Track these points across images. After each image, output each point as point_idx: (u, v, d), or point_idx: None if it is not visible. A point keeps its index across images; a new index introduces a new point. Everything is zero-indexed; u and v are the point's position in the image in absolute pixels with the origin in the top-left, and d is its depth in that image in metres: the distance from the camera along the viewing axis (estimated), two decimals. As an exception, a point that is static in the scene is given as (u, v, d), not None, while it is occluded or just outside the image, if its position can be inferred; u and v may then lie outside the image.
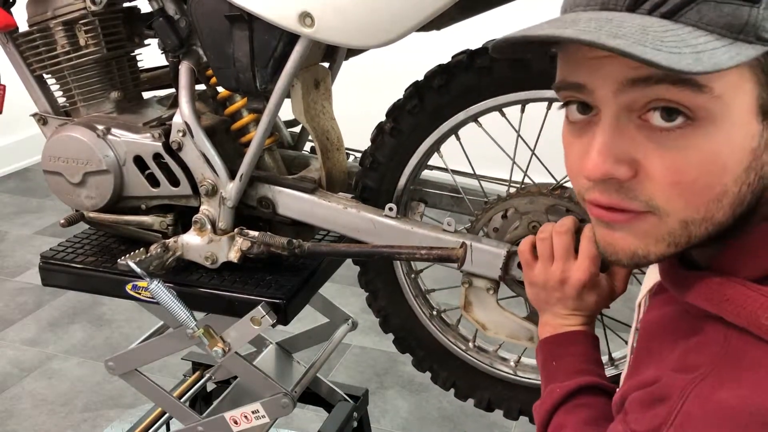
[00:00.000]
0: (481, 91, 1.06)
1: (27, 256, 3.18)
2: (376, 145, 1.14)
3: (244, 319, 1.15)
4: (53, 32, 1.22)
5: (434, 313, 1.24)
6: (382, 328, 1.26)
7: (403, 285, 1.22)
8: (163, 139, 1.18)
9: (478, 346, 1.23)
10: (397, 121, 1.12)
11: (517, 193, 1.08)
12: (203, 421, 1.30)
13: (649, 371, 0.61)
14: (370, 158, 1.15)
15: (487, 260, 1.08)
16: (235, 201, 1.17)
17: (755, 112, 0.51)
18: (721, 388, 0.52)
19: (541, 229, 0.93)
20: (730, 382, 0.52)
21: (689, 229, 0.55)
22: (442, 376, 1.25)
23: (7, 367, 2.42)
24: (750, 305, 0.52)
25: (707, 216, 0.54)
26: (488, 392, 1.22)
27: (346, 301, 2.41)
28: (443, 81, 1.07)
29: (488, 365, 1.21)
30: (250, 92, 1.12)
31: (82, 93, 1.26)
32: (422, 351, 1.25)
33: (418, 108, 1.10)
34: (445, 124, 1.10)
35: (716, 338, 0.55)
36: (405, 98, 1.11)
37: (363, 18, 0.96)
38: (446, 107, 1.09)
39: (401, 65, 2.39)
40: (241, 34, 1.07)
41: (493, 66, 1.04)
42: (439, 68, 1.08)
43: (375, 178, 1.16)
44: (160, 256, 1.17)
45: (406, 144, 1.12)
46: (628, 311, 0.84)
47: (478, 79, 1.06)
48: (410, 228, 1.12)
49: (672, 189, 0.53)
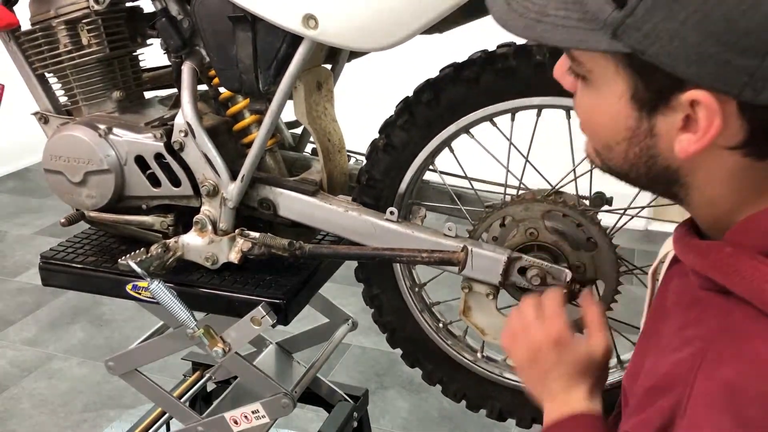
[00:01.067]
0: (470, 103, 1.07)
1: (27, 256, 3.18)
2: (371, 162, 1.15)
3: (244, 319, 1.15)
4: (56, 31, 1.22)
5: (440, 325, 1.24)
6: (389, 343, 1.26)
7: (407, 300, 1.22)
8: (164, 139, 1.18)
9: (486, 356, 1.23)
10: (389, 137, 1.12)
11: (512, 200, 1.08)
12: (203, 421, 1.30)
13: (652, 356, 0.62)
14: (366, 175, 1.15)
15: (487, 266, 1.08)
16: (236, 202, 1.17)
17: (628, 98, 0.58)
18: (722, 366, 0.54)
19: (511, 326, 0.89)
20: (731, 359, 0.54)
21: (602, 156, 0.64)
22: (452, 389, 1.25)
23: (7, 367, 2.42)
24: (758, 279, 0.55)
25: (607, 156, 0.63)
26: (499, 402, 1.22)
27: (346, 301, 2.40)
28: (432, 95, 1.08)
29: (498, 375, 1.21)
30: (253, 93, 1.13)
31: (83, 92, 1.26)
32: (430, 364, 1.25)
33: (410, 123, 1.10)
34: (437, 138, 1.11)
35: (717, 312, 0.58)
36: (396, 114, 1.12)
37: (366, 21, 0.96)
38: (437, 120, 1.09)
39: (404, 68, 2.39)
40: (245, 35, 1.07)
41: (480, 77, 1.05)
42: (426, 83, 1.09)
43: (372, 195, 1.16)
44: (161, 257, 1.17)
45: (400, 159, 1.13)
46: (632, 313, 0.83)
47: (466, 90, 1.06)
48: (411, 232, 1.12)
49: (580, 122, 0.66)
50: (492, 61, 1.04)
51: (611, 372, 1.16)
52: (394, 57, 1.68)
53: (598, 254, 1.07)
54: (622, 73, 0.57)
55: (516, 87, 1.04)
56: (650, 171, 0.61)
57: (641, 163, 0.61)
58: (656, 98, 0.56)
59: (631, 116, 0.59)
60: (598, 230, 1.06)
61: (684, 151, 0.56)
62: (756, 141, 0.55)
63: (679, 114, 0.55)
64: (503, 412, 1.23)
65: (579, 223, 1.07)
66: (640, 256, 3.06)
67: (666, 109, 0.56)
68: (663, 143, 0.58)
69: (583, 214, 1.06)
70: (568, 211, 1.06)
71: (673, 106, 0.55)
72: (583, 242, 1.08)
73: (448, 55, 1.15)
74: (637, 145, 0.60)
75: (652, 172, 0.61)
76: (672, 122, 0.56)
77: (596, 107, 0.61)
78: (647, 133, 0.59)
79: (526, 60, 1.02)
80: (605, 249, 1.06)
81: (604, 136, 0.62)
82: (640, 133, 0.59)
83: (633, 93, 0.57)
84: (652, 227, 3.25)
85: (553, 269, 1.06)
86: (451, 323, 1.25)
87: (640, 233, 3.25)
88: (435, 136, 1.11)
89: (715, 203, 0.61)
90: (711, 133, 0.54)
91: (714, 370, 0.54)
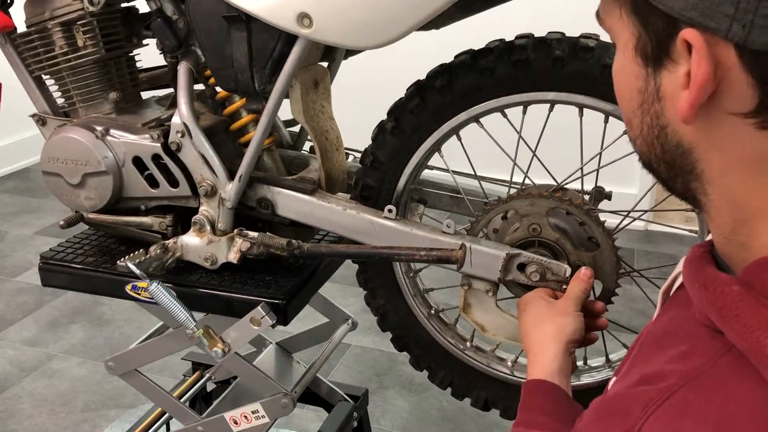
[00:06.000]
0: (484, 92, 1.06)
1: (27, 256, 3.17)
2: (377, 143, 1.14)
3: (243, 319, 1.15)
4: (51, 33, 1.22)
5: (432, 312, 1.24)
6: (379, 326, 1.26)
7: (401, 284, 1.21)
8: (161, 140, 1.18)
9: (475, 345, 1.23)
10: (398, 120, 1.11)
11: (518, 194, 1.08)
12: (203, 421, 1.30)
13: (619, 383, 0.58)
14: (371, 157, 1.15)
15: (486, 262, 1.08)
16: (234, 202, 1.16)
17: (632, 49, 0.55)
18: (683, 417, 0.49)
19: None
20: (696, 413, 0.48)
21: (631, 138, 0.61)
22: (439, 375, 1.25)
23: (7, 367, 2.42)
24: (759, 328, 0.48)
25: (632, 136, 0.60)
26: (485, 392, 1.22)
27: (346, 301, 2.41)
28: (445, 81, 1.07)
29: (485, 365, 1.21)
30: (249, 93, 1.12)
31: (80, 94, 1.25)
32: (419, 350, 1.25)
33: (420, 107, 1.09)
34: (447, 124, 1.10)
35: (706, 352, 0.51)
36: (407, 97, 1.11)
37: (361, 18, 0.96)
38: (448, 107, 1.08)
39: (401, 64, 2.39)
40: (239, 34, 1.06)
41: (496, 67, 1.04)
42: (441, 68, 1.08)
43: (376, 177, 1.15)
44: (160, 257, 1.17)
45: (407, 143, 1.12)
46: (629, 311, 0.83)
47: (480, 79, 1.05)
48: (409, 229, 1.12)
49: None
50: (510, 51, 1.03)
51: (598, 370, 1.17)
52: (392, 53, 1.68)
53: (599, 255, 1.06)
54: (625, 19, 0.55)
55: (531, 80, 1.03)
56: (665, 152, 0.56)
57: (654, 138, 0.56)
58: (657, 48, 0.53)
59: (640, 75, 0.55)
60: (601, 231, 1.05)
61: (682, 111, 0.51)
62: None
63: (681, 68, 0.51)
64: (488, 402, 1.23)
65: (582, 222, 1.07)
66: (639, 257, 3.06)
67: (668, 62, 0.52)
68: (670, 109, 0.54)
69: (587, 214, 1.05)
70: (573, 209, 1.05)
71: (673, 58, 0.52)
72: (585, 242, 1.07)
73: (447, 53, 1.14)
74: (648, 114, 0.56)
75: (668, 155, 0.56)
76: (675, 80, 0.52)
77: (616, 71, 0.59)
78: (654, 97, 0.55)
79: (545, 53, 1.01)
80: (607, 250, 1.05)
81: (624, 107, 0.60)
82: (649, 97, 0.55)
83: (636, 42, 0.54)
84: (652, 227, 3.24)
85: (552, 265, 1.05)
86: (443, 311, 1.25)
87: (640, 233, 3.25)
88: (444, 123, 1.10)
89: (735, 202, 0.54)
90: (699, 79, 0.49)
91: (672, 419, 0.49)
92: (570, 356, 0.92)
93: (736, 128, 0.51)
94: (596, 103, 1.03)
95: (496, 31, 1.27)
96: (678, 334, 0.57)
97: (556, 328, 0.93)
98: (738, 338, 0.49)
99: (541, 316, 0.96)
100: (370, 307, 1.26)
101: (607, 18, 0.58)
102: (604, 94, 1.01)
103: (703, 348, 0.52)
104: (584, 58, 1.00)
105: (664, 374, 0.52)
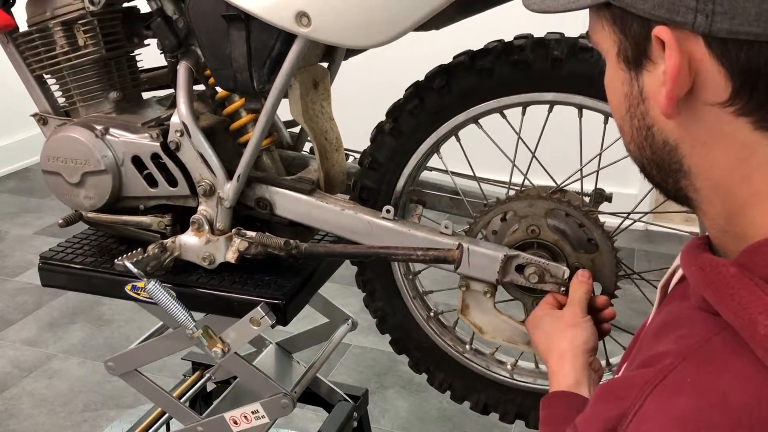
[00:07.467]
0: (482, 93, 1.06)
1: (27, 256, 3.18)
2: (375, 144, 1.14)
3: (243, 319, 1.15)
4: (52, 32, 1.22)
5: (431, 314, 1.23)
6: (378, 328, 1.26)
7: (400, 286, 1.21)
8: (161, 140, 1.18)
9: (475, 348, 1.23)
10: (397, 121, 1.11)
11: (517, 196, 1.08)
12: (203, 421, 1.30)
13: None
14: (370, 158, 1.15)
15: (484, 263, 1.08)
16: (233, 201, 1.16)
17: (616, 56, 0.58)
18: (678, 395, 0.50)
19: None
20: (691, 388, 0.50)
21: (625, 145, 0.62)
22: (439, 378, 1.25)
23: (7, 367, 2.42)
24: (753, 308, 0.49)
25: (625, 142, 0.62)
26: (484, 395, 1.22)
27: (346, 301, 2.40)
28: (444, 82, 1.07)
29: (485, 368, 1.21)
30: (248, 93, 1.12)
31: (81, 93, 1.26)
32: (419, 352, 1.24)
33: (419, 108, 1.09)
34: (446, 125, 1.10)
35: (701, 331, 0.53)
36: (405, 98, 1.11)
37: (360, 17, 0.96)
38: (447, 108, 1.08)
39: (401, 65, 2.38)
40: (238, 34, 1.06)
41: (495, 67, 1.04)
42: (440, 69, 1.08)
43: (374, 178, 1.15)
44: (158, 257, 1.17)
45: (405, 144, 1.12)
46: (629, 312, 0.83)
47: (479, 80, 1.05)
48: (407, 230, 1.12)
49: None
50: (508, 52, 1.03)
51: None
52: (392, 54, 1.68)
53: (599, 257, 1.05)
54: (607, 30, 0.57)
55: (530, 80, 1.03)
56: (654, 153, 0.58)
57: (643, 139, 0.59)
58: (636, 50, 0.55)
59: (625, 80, 0.58)
60: (600, 233, 1.04)
61: (662, 105, 0.54)
62: (749, 96, 0.50)
63: (659, 67, 0.53)
64: (487, 406, 1.23)
65: (581, 224, 1.07)
66: (639, 257, 3.06)
67: (648, 63, 0.55)
68: (654, 108, 0.56)
69: (587, 215, 1.05)
70: (572, 211, 1.05)
71: (652, 59, 0.54)
72: (584, 243, 1.07)
73: (446, 54, 1.14)
74: (635, 116, 0.58)
75: (657, 156, 0.58)
76: (656, 78, 0.54)
77: (607, 83, 0.62)
78: (639, 98, 0.57)
79: (543, 54, 1.01)
80: (606, 252, 1.05)
81: (617, 116, 0.62)
82: (634, 99, 0.58)
83: (618, 48, 0.57)
84: (652, 228, 3.24)
85: (551, 267, 1.05)
86: (443, 313, 1.25)
87: (640, 233, 3.25)
88: (443, 124, 1.10)
89: (725, 193, 0.55)
90: (671, 69, 0.51)
91: (668, 398, 0.50)
92: (591, 364, 0.92)
93: (717, 119, 0.53)
94: (595, 104, 1.03)
95: (496, 31, 1.27)
96: (676, 322, 0.59)
97: (568, 342, 0.93)
98: (732, 316, 0.50)
99: (551, 334, 0.96)
100: (369, 309, 1.26)
101: (594, 34, 0.60)
102: (603, 94, 1.01)
103: (699, 329, 0.54)
104: (583, 58, 1.00)
105: (660, 356, 0.54)
